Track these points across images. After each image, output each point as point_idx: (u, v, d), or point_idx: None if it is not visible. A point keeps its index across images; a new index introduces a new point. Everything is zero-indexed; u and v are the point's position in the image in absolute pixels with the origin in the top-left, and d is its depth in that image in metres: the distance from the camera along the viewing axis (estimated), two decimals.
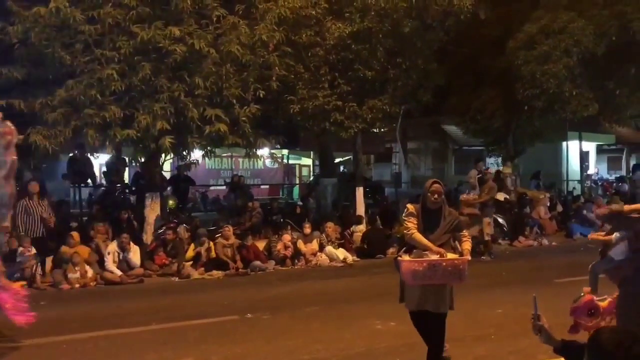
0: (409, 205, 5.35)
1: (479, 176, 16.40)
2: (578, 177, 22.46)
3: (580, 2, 15.28)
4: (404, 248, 5.25)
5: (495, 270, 11.09)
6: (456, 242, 5.25)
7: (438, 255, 4.95)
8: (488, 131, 18.10)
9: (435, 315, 5.12)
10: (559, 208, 16.91)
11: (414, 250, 5.08)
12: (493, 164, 20.74)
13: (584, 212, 15.91)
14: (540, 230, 15.05)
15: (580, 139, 21.65)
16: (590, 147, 24.86)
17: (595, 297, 5.56)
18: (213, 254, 11.00)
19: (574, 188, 21.84)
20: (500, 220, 14.79)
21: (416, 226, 5.12)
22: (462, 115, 18.28)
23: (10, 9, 10.28)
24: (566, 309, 6.01)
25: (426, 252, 5.00)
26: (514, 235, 14.41)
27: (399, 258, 5.11)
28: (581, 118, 16.57)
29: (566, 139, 21.78)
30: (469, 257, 5.03)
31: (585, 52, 14.81)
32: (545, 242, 14.55)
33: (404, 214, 5.33)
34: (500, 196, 15.96)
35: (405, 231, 5.23)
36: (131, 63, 10.51)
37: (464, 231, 5.31)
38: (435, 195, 5.07)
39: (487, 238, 12.48)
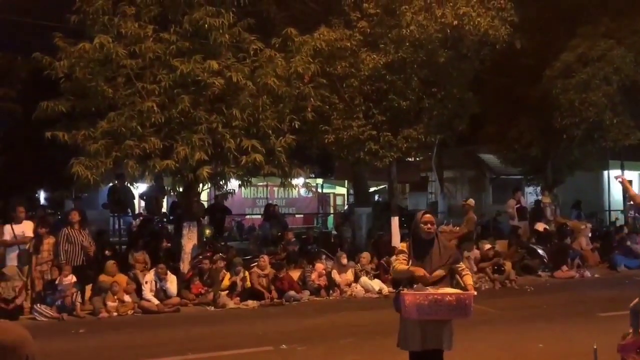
0: (400, 244, 5.28)
1: (517, 206, 16.18)
2: (621, 207, 21.82)
3: (619, 30, 15.07)
4: (401, 285, 5.02)
5: (536, 303, 10.81)
6: (457, 277, 5.11)
7: (423, 274, 4.79)
8: (526, 160, 17.83)
9: (437, 353, 4.92)
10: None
11: (415, 285, 4.90)
12: (532, 193, 20.38)
13: (628, 243, 15.43)
14: (582, 261, 14.62)
15: (623, 168, 21.09)
16: (633, 176, 24.16)
17: None
18: (248, 284, 11.03)
19: (616, 218, 21.21)
20: (540, 251, 14.46)
21: (405, 262, 4.96)
22: (499, 143, 18.09)
23: (57, 45, 10.73)
24: (611, 344, 5.81)
25: (427, 288, 4.82)
26: (554, 267, 14.04)
27: (402, 292, 4.86)
28: (623, 146, 16.19)
29: (607, 168, 21.25)
30: (475, 292, 4.87)
31: (625, 80, 14.56)
32: (587, 274, 14.11)
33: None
34: (540, 226, 15.67)
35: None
36: (171, 96, 10.79)
37: (462, 264, 5.17)
38: (428, 225, 4.92)
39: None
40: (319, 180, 21.97)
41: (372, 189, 21.97)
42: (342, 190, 24.32)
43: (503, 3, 12.48)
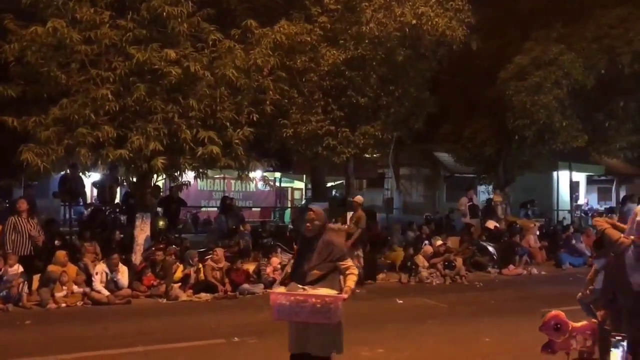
0: None
1: (469, 204, 16.58)
2: (568, 207, 22.60)
3: (570, 36, 15.57)
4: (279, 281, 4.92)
5: (484, 299, 11.12)
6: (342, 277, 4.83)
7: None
8: (479, 159, 18.25)
9: (313, 357, 4.74)
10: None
11: (290, 283, 4.74)
12: (484, 191, 20.89)
13: (573, 241, 15.99)
14: (530, 259, 15.09)
15: (571, 169, 21.85)
16: (580, 177, 25.07)
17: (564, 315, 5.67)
18: (202, 276, 10.95)
19: (564, 218, 21.97)
20: (490, 248, 14.86)
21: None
22: (454, 143, 18.46)
23: (7, 28, 10.36)
24: None
25: (305, 287, 4.62)
26: (503, 264, 14.44)
27: (270, 290, 4.80)
28: (571, 149, 16.76)
29: (557, 169, 21.97)
30: (345, 296, 4.60)
31: (575, 84, 15.04)
32: (534, 271, 14.58)
33: None
34: (491, 224, 16.09)
35: None
36: (126, 84, 10.57)
37: (348, 261, 4.86)
38: (307, 224, 4.83)
39: None
40: (277, 174, 21.94)
41: (329, 184, 22.09)
42: (300, 184, 24.37)
43: (461, 4, 12.73)
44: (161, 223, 13.09)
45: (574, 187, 22.85)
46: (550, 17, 16.00)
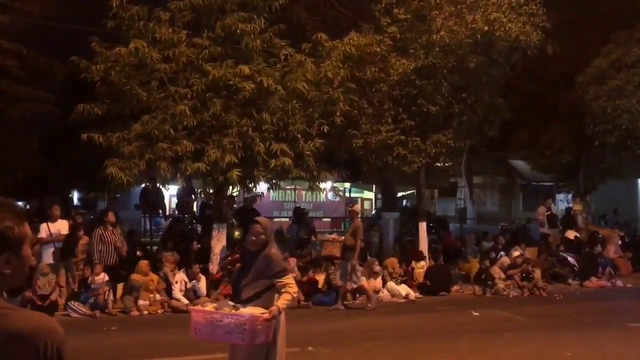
0: None
1: (547, 213, 16.01)
2: None
3: None
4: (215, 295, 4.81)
5: (565, 312, 10.69)
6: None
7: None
8: (557, 167, 17.64)
9: None
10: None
11: (220, 300, 4.56)
12: (563, 200, 20.12)
13: None
14: (614, 270, 14.37)
15: None
16: None
17: None
18: None
19: None
20: (570, 259, 14.28)
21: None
22: (530, 150, 17.93)
23: (94, 50, 11.03)
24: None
25: (237, 306, 4.37)
26: (584, 276, 13.83)
27: (190, 306, 4.58)
28: None
29: None
30: (267, 316, 4.26)
31: None
32: (619, 283, 13.87)
33: None
34: (571, 234, 15.47)
35: None
36: (203, 99, 10.99)
37: (286, 278, 4.49)
38: (253, 237, 4.56)
39: (354, 285, 10.99)
40: (347, 185, 22.03)
41: (400, 194, 21.96)
42: (369, 194, 24.36)
43: (535, 9, 12.39)
44: (237, 233, 13.43)
45: None
46: (632, 16, 15.28)
